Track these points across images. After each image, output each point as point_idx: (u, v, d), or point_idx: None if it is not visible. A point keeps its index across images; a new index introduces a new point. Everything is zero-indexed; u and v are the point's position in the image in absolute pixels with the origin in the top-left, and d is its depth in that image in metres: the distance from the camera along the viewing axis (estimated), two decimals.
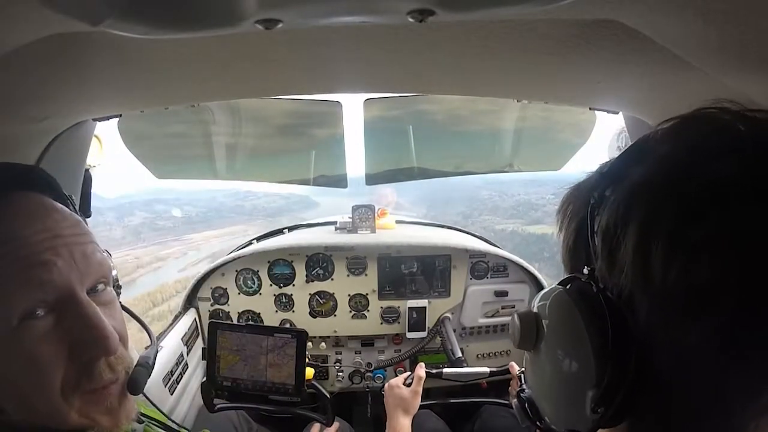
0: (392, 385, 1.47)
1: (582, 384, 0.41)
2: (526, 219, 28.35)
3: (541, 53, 0.77)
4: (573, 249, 0.48)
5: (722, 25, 0.51)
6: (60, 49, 0.63)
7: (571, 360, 0.43)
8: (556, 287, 0.47)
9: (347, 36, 0.71)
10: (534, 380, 0.52)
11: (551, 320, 0.47)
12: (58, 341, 0.53)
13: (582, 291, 0.43)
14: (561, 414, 0.48)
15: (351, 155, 1.85)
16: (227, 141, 1.76)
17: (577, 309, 0.42)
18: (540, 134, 1.76)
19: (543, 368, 0.48)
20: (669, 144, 0.40)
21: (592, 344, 0.40)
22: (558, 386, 0.46)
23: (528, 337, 0.49)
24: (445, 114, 1.77)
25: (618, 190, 0.41)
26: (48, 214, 0.55)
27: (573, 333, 0.43)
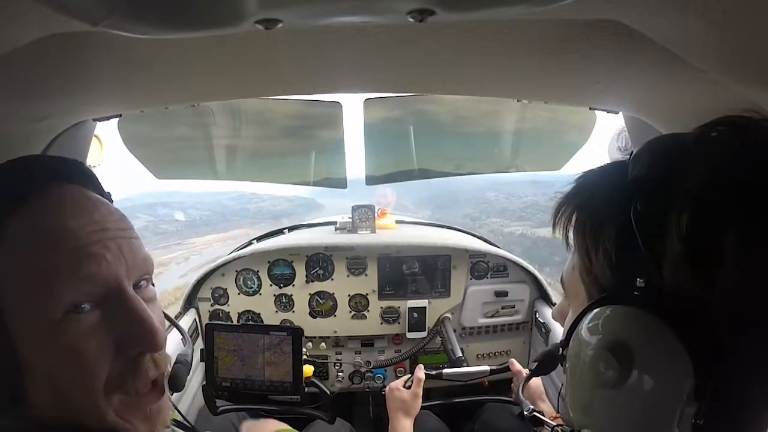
0: (392, 387, 1.48)
1: (677, 406, 0.39)
2: (534, 221, 28.14)
3: (541, 53, 0.77)
4: (618, 260, 0.45)
5: (722, 25, 0.51)
6: (60, 49, 0.63)
7: (667, 384, 0.40)
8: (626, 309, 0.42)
9: (347, 36, 0.71)
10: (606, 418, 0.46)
11: (644, 346, 0.41)
12: (104, 336, 0.52)
13: (662, 303, 0.40)
14: None
15: (351, 155, 1.85)
16: (228, 141, 1.76)
17: (671, 326, 0.39)
18: (540, 134, 1.76)
19: (627, 401, 0.42)
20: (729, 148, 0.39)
21: (692, 359, 0.38)
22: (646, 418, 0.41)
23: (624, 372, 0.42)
24: (445, 114, 1.78)
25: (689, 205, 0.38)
26: (95, 207, 0.55)
27: (671, 355, 0.39)
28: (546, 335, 1.88)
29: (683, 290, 0.39)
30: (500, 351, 2.09)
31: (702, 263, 0.38)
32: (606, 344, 0.43)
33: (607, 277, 0.46)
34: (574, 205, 0.50)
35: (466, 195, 33.32)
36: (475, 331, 2.06)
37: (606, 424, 0.46)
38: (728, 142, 0.40)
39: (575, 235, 0.50)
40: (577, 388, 0.49)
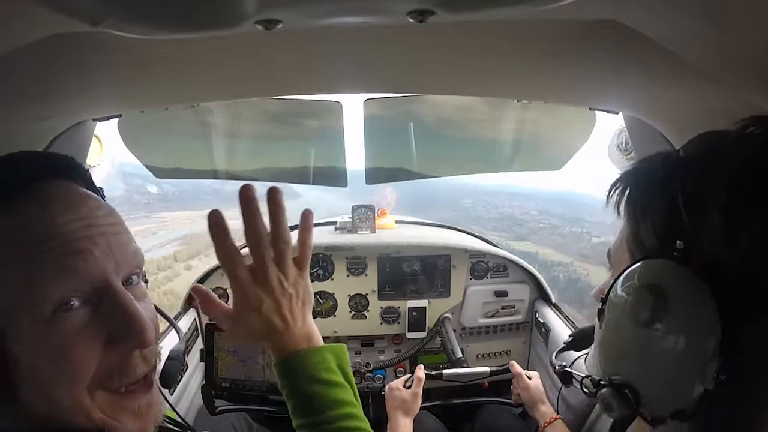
0: (392, 387, 1.48)
1: (704, 354, 0.44)
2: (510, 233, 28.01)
3: (541, 53, 0.77)
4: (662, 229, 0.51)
5: (722, 25, 0.51)
6: (60, 49, 0.63)
7: (697, 331, 0.45)
8: (667, 263, 0.48)
9: (347, 36, 0.71)
10: (638, 361, 0.50)
11: (678, 293, 0.46)
12: (93, 333, 0.51)
13: (696, 263, 0.46)
14: (673, 392, 0.47)
15: (351, 155, 1.85)
16: (227, 141, 1.76)
17: (701, 280, 0.45)
18: (540, 134, 1.76)
19: (658, 346, 0.47)
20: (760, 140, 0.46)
21: (718, 312, 0.43)
22: (677, 360, 0.46)
23: (659, 314, 0.47)
24: (445, 115, 1.77)
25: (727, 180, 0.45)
26: (83, 202, 0.53)
27: (699, 305, 0.44)
28: (546, 335, 1.88)
29: (718, 256, 0.45)
30: (500, 351, 2.08)
31: (735, 235, 0.44)
32: (645, 285, 0.49)
33: (652, 243, 0.52)
34: (628, 182, 0.56)
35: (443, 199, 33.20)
36: (475, 331, 2.06)
37: (637, 367, 0.50)
38: (760, 136, 0.47)
39: (627, 207, 0.56)
40: (612, 333, 0.53)
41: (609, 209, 0.58)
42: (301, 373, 0.67)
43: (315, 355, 0.69)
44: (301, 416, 0.67)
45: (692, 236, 0.46)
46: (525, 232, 29.92)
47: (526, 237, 27.68)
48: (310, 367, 0.68)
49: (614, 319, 0.52)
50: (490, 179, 6.66)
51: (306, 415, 0.67)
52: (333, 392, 0.67)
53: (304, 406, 0.67)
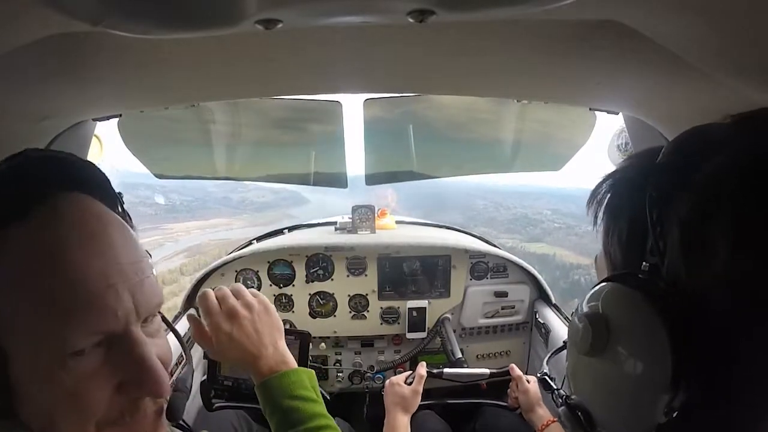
0: (393, 382, 1.47)
1: (655, 388, 0.40)
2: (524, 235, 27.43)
3: (541, 53, 0.77)
4: (627, 243, 0.47)
5: (722, 25, 0.51)
6: (60, 49, 0.63)
7: (645, 363, 0.41)
8: (621, 285, 0.44)
9: (347, 36, 0.71)
10: (590, 386, 0.49)
11: (623, 321, 0.43)
12: (105, 377, 0.48)
13: (653, 288, 0.41)
14: (622, 420, 0.45)
15: (351, 155, 1.85)
16: (227, 141, 1.76)
17: (654, 308, 0.40)
18: (540, 135, 1.75)
19: (606, 373, 0.45)
20: (751, 136, 0.40)
21: (671, 345, 0.38)
22: (625, 391, 0.43)
23: (599, 342, 0.44)
24: (445, 115, 1.77)
25: (695, 182, 0.39)
26: (105, 231, 0.48)
27: (649, 334, 0.40)
28: (546, 336, 1.88)
29: (677, 277, 0.40)
30: (500, 351, 2.08)
31: (694, 251, 0.39)
32: (589, 313, 0.46)
33: (618, 258, 0.48)
34: (608, 186, 0.51)
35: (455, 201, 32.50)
36: (475, 331, 2.06)
37: (587, 391, 0.50)
38: (734, 135, 0.41)
39: (603, 215, 0.52)
40: (569, 354, 0.52)
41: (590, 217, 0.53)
42: (281, 391, 0.78)
43: (290, 375, 0.80)
44: (284, 430, 0.76)
45: (659, 255, 0.41)
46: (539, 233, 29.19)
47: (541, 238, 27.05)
48: (287, 386, 0.78)
49: (569, 345, 0.51)
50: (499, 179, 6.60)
51: (288, 428, 0.75)
52: (309, 407, 0.77)
53: (286, 419, 0.76)
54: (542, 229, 31.01)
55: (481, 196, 31.58)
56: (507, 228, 28.18)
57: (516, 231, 28.50)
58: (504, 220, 29.46)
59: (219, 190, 32.79)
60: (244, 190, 33.43)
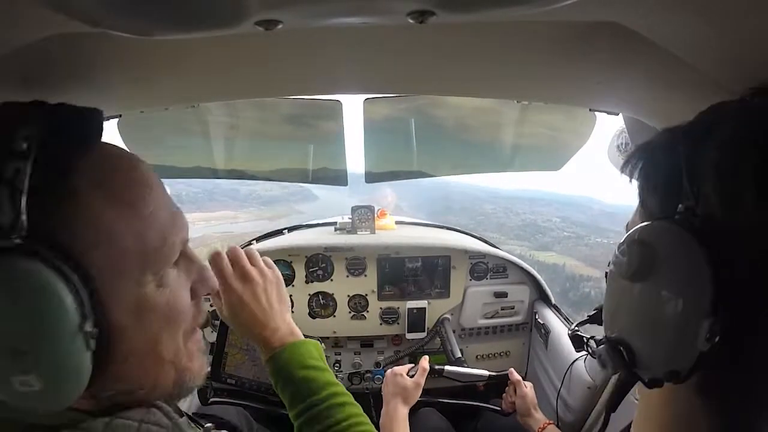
0: (395, 372, 1.45)
1: (697, 315, 0.42)
2: (533, 243, 26.94)
3: (541, 54, 0.77)
4: (664, 192, 0.50)
5: (722, 26, 0.51)
6: (60, 49, 0.63)
7: (688, 289, 0.43)
8: (664, 221, 0.48)
9: (347, 37, 0.71)
10: (632, 318, 0.50)
11: (667, 249, 0.46)
12: (184, 284, 0.55)
13: (693, 225, 0.44)
14: (665, 352, 0.47)
15: (351, 154, 1.85)
16: (227, 140, 1.76)
17: (696, 238, 0.43)
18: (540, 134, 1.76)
19: (650, 303, 0.47)
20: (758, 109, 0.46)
21: (711, 274, 0.41)
22: (668, 320, 0.45)
23: (645, 267, 0.47)
24: (445, 115, 1.78)
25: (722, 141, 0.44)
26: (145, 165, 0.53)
27: (691, 262, 0.43)
28: (545, 336, 1.88)
29: (716, 217, 0.44)
30: (499, 352, 2.08)
31: (730, 195, 0.43)
32: (634, 241, 0.49)
33: (656, 208, 0.51)
34: (641, 153, 0.55)
35: (462, 204, 32.18)
36: (475, 331, 2.06)
37: (630, 324, 0.51)
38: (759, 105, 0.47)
39: (638, 179, 0.55)
40: (609, 292, 0.54)
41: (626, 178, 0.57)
42: (294, 362, 0.78)
43: (302, 346, 0.80)
44: (300, 401, 0.76)
45: (694, 198, 0.45)
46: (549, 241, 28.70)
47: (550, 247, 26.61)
48: (300, 356, 0.78)
49: (611, 278, 0.53)
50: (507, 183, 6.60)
51: (304, 399, 0.75)
52: (322, 375, 0.78)
53: (301, 390, 0.76)
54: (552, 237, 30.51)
55: (490, 200, 31.21)
56: (516, 234, 27.79)
57: (525, 238, 28.06)
58: (513, 226, 29.05)
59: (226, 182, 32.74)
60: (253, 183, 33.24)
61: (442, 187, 24.40)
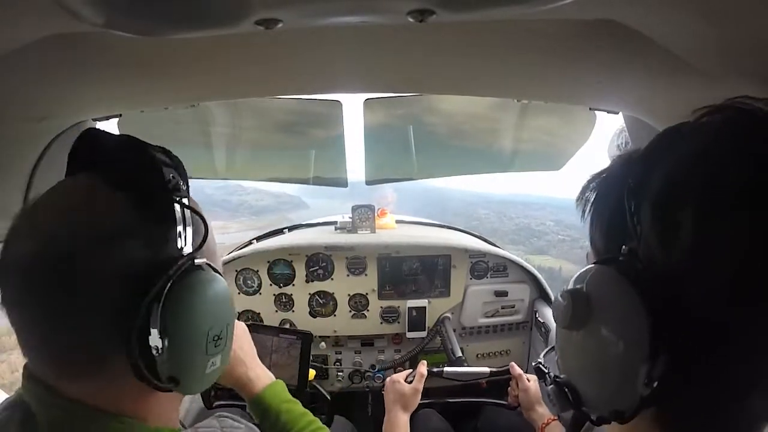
0: (394, 380, 1.47)
1: (634, 360, 0.42)
2: (528, 247, 26.61)
3: (541, 53, 0.77)
4: (608, 231, 0.50)
5: (722, 25, 0.51)
6: (60, 49, 0.63)
7: (624, 337, 0.43)
8: (600, 266, 0.47)
9: (347, 36, 0.71)
10: (575, 363, 0.51)
11: (603, 297, 0.46)
12: None
13: (632, 268, 0.44)
14: (607, 395, 0.47)
15: (351, 155, 1.85)
16: (227, 140, 1.76)
17: (632, 285, 0.42)
18: (540, 134, 1.76)
19: (590, 348, 0.48)
20: (719, 130, 0.43)
21: (647, 319, 0.41)
22: (607, 365, 0.46)
23: (580, 317, 0.48)
24: (445, 115, 1.78)
25: (666, 172, 0.43)
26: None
27: (627, 309, 0.42)
28: (546, 335, 1.88)
29: (652, 258, 0.43)
30: (500, 351, 2.08)
31: (663, 237, 0.42)
32: (570, 290, 0.49)
33: (601, 246, 0.51)
34: (595, 183, 0.54)
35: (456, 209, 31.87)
36: (475, 330, 2.06)
37: (573, 367, 0.52)
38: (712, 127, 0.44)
39: (590, 210, 0.54)
40: (556, 332, 0.55)
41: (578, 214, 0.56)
42: (277, 398, 0.95)
43: (277, 385, 0.98)
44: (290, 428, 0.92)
45: (636, 240, 0.44)
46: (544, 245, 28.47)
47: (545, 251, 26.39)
48: (280, 393, 0.97)
49: (554, 318, 0.54)
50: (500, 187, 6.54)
51: (291, 426, 0.92)
52: (297, 407, 0.96)
53: (286, 420, 0.93)
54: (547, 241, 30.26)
55: (483, 205, 30.94)
56: (511, 239, 27.44)
57: (520, 242, 27.78)
58: (507, 231, 28.70)
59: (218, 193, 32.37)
60: (244, 193, 33.04)
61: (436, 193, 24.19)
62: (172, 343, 0.49)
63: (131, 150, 0.54)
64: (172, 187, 0.53)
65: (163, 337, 0.49)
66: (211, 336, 0.54)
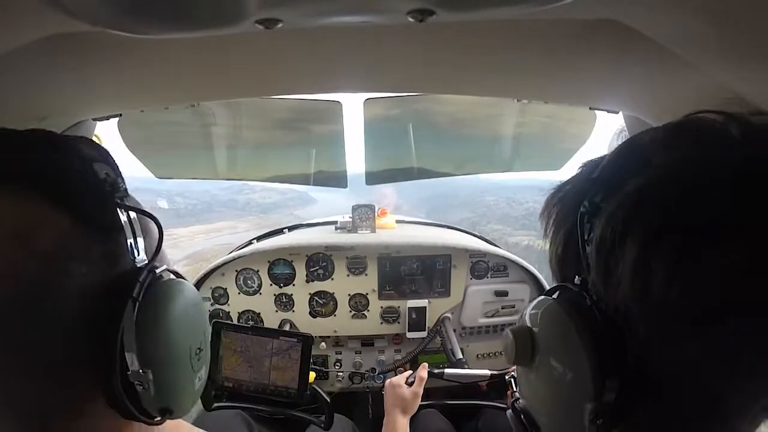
0: (394, 383, 1.47)
1: (579, 397, 0.41)
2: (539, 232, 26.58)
3: (541, 53, 0.77)
4: (562, 257, 0.47)
5: (722, 24, 0.51)
6: (60, 49, 0.63)
7: (568, 373, 0.42)
8: (547, 299, 0.46)
9: (347, 36, 0.71)
10: (529, 393, 0.51)
11: (546, 334, 0.46)
12: None
13: (576, 303, 0.42)
14: (557, 426, 0.47)
15: (351, 155, 1.85)
16: (227, 140, 1.76)
17: (572, 322, 0.41)
18: (540, 134, 1.76)
19: (538, 382, 0.47)
20: (665, 155, 0.39)
21: (589, 357, 0.39)
22: (555, 399, 0.45)
23: (524, 354, 0.47)
24: (445, 114, 1.77)
25: (613, 201, 0.39)
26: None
27: (569, 346, 0.41)
28: None
29: (599, 292, 0.41)
30: (500, 351, 2.08)
31: (606, 269, 0.39)
32: (512, 328, 0.49)
33: (556, 272, 0.50)
34: (557, 198, 0.51)
35: (464, 198, 31.59)
36: (475, 330, 2.06)
37: (527, 395, 0.52)
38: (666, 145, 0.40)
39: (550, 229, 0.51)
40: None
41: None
42: None
43: None
44: None
45: (587, 269, 0.41)
46: None
47: None
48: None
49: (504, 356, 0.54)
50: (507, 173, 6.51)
51: None
52: None
53: None
54: None
55: (491, 191, 30.53)
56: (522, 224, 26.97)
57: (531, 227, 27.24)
58: (518, 216, 28.21)
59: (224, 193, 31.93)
60: (250, 192, 32.79)
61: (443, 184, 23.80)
62: (156, 372, 0.43)
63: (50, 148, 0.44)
64: (110, 187, 0.43)
65: (144, 369, 0.42)
66: (193, 351, 0.48)
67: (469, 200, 30.73)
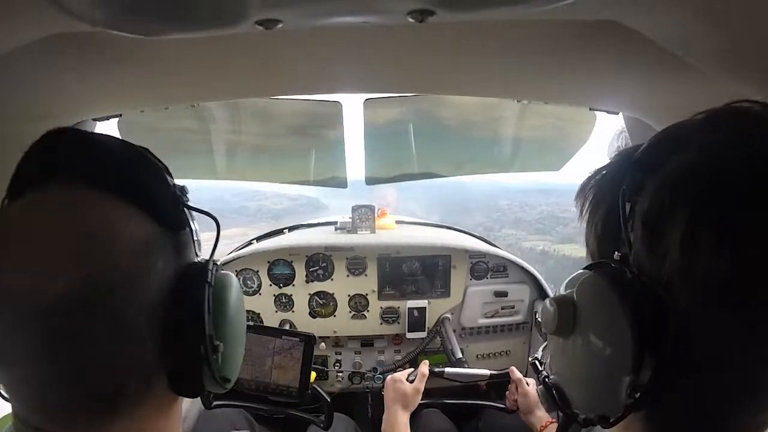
0: (395, 378, 1.46)
1: (619, 370, 0.41)
2: (555, 236, 25.89)
3: (541, 53, 0.77)
4: (602, 235, 0.49)
5: (722, 25, 0.51)
6: (60, 49, 0.63)
7: (609, 346, 0.43)
8: (590, 273, 0.47)
9: (347, 36, 0.71)
10: (563, 367, 0.51)
11: (588, 306, 0.46)
12: None
13: (619, 276, 0.43)
14: (592, 400, 0.47)
15: (351, 155, 1.85)
16: (227, 141, 1.76)
17: (617, 294, 0.42)
18: (540, 135, 1.76)
19: (576, 354, 0.47)
20: (712, 133, 0.41)
21: (631, 330, 0.40)
22: (592, 371, 0.46)
23: (565, 324, 0.48)
24: (445, 114, 1.78)
25: (659, 178, 0.41)
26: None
27: (612, 319, 0.42)
28: (546, 335, 1.88)
29: (642, 267, 0.42)
30: (500, 351, 2.08)
31: (652, 243, 0.41)
32: (555, 298, 0.49)
33: (594, 249, 0.51)
34: (594, 181, 0.53)
35: (477, 202, 31.23)
36: (475, 331, 2.06)
37: (560, 370, 0.52)
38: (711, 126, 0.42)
39: (587, 210, 0.53)
40: (547, 338, 0.56)
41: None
42: None
43: None
44: None
45: (628, 245, 0.43)
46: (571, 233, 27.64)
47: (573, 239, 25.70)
48: None
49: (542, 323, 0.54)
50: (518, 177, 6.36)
51: None
52: None
53: None
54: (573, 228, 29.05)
55: (504, 195, 30.27)
56: (536, 229, 26.56)
57: (546, 231, 26.85)
58: (531, 221, 27.82)
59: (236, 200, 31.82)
60: (262, 198, 32.72)
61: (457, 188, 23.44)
62: (227, 346, 0.51)
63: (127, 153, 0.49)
64: (180, 192, 0.51)
65: (219, 342, 0.50)
66: (244, 328, 0.59)
67: (483, 205, 30.40)
